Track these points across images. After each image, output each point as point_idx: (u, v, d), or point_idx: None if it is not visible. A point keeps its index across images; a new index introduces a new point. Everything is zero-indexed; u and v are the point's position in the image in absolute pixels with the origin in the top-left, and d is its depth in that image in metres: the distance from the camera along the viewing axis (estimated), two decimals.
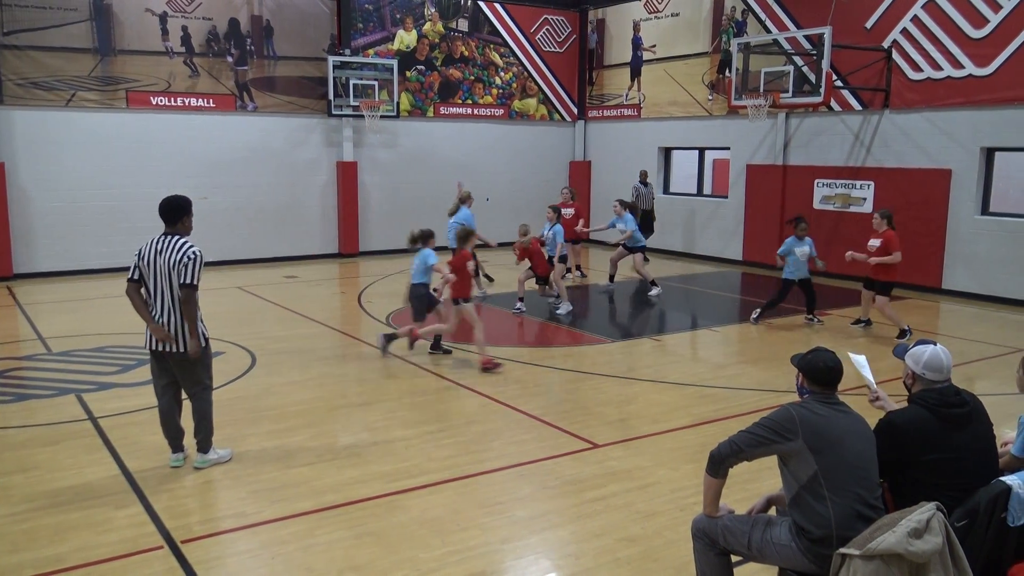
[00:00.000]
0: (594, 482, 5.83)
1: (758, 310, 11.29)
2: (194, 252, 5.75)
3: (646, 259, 14.03)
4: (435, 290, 9.40)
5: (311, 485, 5.74)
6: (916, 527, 3.10)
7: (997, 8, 12.64)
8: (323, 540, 4.93)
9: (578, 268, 15.36)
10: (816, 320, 11.24)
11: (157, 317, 5.79)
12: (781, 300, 11.01)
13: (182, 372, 5.97)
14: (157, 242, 5.81)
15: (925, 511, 3.17)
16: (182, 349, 5.82)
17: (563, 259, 12.45)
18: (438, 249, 9.57)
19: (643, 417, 7.31)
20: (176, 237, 5.81)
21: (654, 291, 13.31)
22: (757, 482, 5.51)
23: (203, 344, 5.93)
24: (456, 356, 9.40)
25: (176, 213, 5.86)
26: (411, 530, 5.07)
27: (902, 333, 10.30)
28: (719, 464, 3.64)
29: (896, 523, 3.14)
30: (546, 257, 11.94)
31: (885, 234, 10.34)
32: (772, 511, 3.95)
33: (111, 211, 15.27)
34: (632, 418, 7.29)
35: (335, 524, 5.15)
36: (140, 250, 5.85)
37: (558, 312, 11.80)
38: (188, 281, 5.72)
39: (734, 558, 3.82)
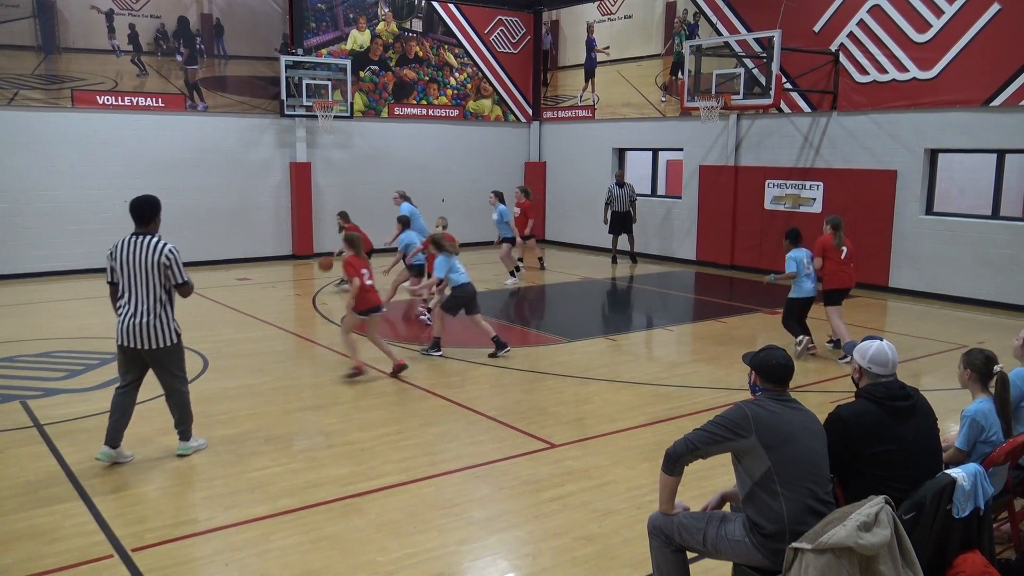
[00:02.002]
0: (551, 482, 5.85)
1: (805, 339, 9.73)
2: (171, 251, 5.91)
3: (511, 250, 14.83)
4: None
5: (265, 490, 5.67)
6: (865, 520, 3.16)
7: (939, 13, 12.98)
8: (278, 545, 4.88)
9: (540, 260, 16.44)
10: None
11: (129, 315, 5.89)
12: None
13: (158, 367, 6.06)
14: (129, 242, 5.90)
15: (874, 505, 3.24)
16: (158, 345, 5.93)
17: (513, 240, 14.50)
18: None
19: (599, 416, 7.36)
20: (148, 236, 5.92)
21: (511, 280, 14.47)
22: (712, 479, 5.58)
23: (176, 340, 6.06)
24: (413, 358, 9.35)
25: (148, 212, 5.97)
26: (368, 533, 5.03)
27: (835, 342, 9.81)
28: (675, 462, 3.68)
29: (846, 517, 3.20)
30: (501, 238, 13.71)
31: (823, 238, 9.58)
32: (727, 507, 4.01)
33: (56, 213, 14.90)
34: (588, 417, 7.33)
35: (291, 529, 5.09)
36: (112, 251, 5.94)
37: (506, 283, 13.41)
38: (180, 281, 5.96)
39: (690, 554, 3.87)
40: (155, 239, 5.92)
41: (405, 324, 11.44)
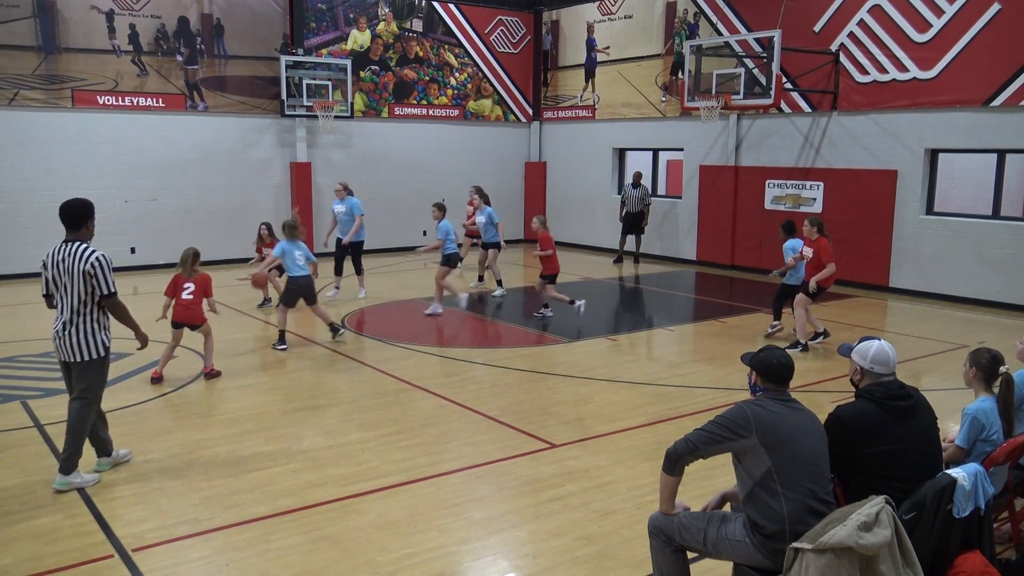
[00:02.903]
0: (551, 482, 5.85)
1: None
2: (98, 259, 5.54)
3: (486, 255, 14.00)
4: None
5: (266, 490, 5.67)
6: (866, 520, 3.16)
7: (940, 12, 12.98)
8: (279, 545, 4.87)
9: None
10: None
11: (59, 326, 5.59)
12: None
13: (78, 380, 5.68)
14: (59, 250, 5.60)
15: (874, 505, 3.24)
16: (80, 358, 5.58)
17: (489, 246, 13.69)
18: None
19: (600, 416, 7.35)
20: (78, 244, 5.58)
21: (499, 291, 13.39)
22: (712, 479, 5.58)
23: (102, 354, 5.69)
24: (414, 358, 9.35)
25: (79, 218, 5.63)
26: (368, 533, 5.03)
27: (795, 344, 9.72)
28: (675, 462, 3.68)
29: (847, 517, 3.20)
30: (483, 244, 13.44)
31: (818, 243, 9.62)
32: (727, 507, 4.01)
33: (55, 213, 14.74)
34: (589, 417, 7.32)
35: (291, 529, 5.09)
36: (44, 261, 5.67)
37: (494, 294, 13.20)
38: (106, 292, 5.57)
39: (690, 554, 3.87)
40: (84, 246, 5.56)
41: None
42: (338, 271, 13.20)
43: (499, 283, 13.56)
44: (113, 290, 5.61)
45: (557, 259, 11.47)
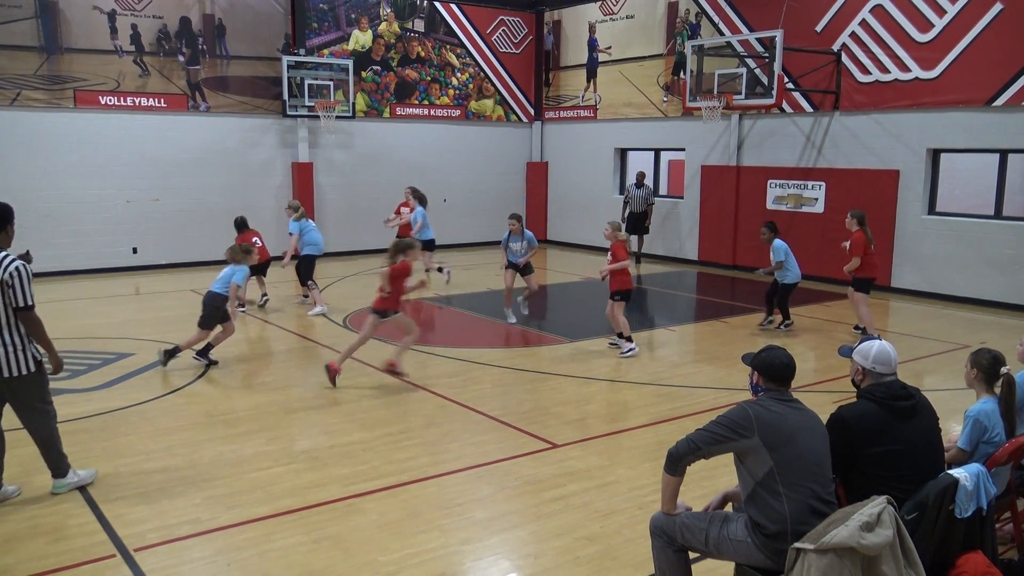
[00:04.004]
0: (553, 482, 5.85)
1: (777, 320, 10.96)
2: (16, 268, 5.10)
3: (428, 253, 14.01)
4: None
5: (267, 490, 5.67)
6: (868, 521, 3.16)
7: (942, 12, 12.96)
8: (280, 545, 4.88)
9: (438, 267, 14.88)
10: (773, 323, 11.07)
11: None
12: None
13: (13, 398, 5.32)
14: None
15: (876, 505, 3.23)
16: (10, 374, 5.19)
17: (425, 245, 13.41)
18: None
19: (601, 416, 7.35)
20: None
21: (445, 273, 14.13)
22: (714, 479, 5.57)
23: (33, 368, 5.29)
24: (415, 358, 9.35)
25: None
26: (370, 533, 5.03)
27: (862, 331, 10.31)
28: (677, 462, 3.67)
29: (849, 517, 3.20)
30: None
31: (856, 235, 10.20)
32: (728, 508, 4.00)
33: (57, 213, 14.91)
34: (590, 418, 7.32)
35: (292, 529, 5.09)
36: None
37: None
38: (22, 304, 5.10)
39: (692, 555, 3.86)
40: (4, 254, 5.15)
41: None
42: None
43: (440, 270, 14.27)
44: (31, 303, 5.15)
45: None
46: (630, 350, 9.45)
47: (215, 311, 8.82)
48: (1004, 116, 12.39)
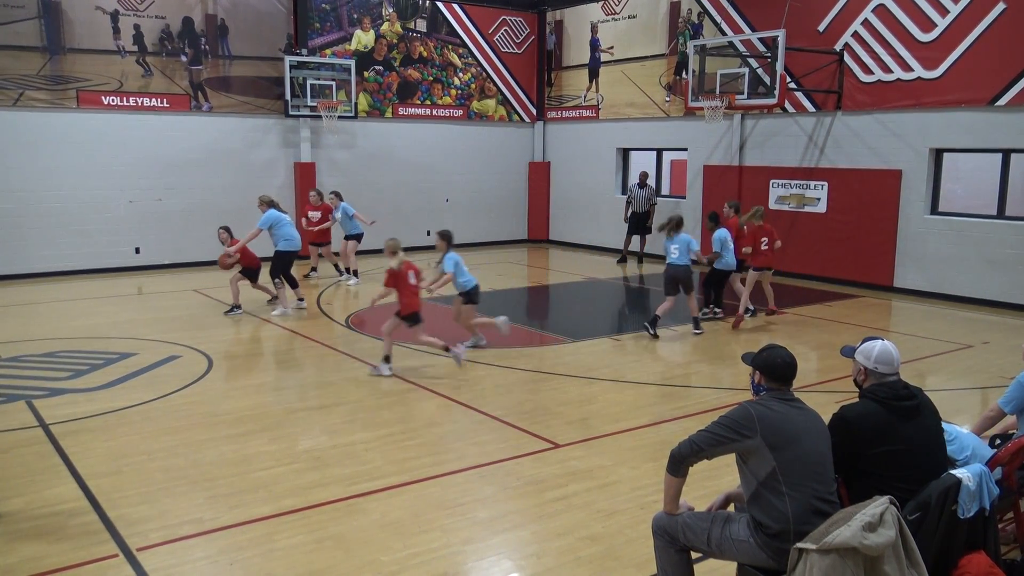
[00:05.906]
0: (555, 482, 5.85)
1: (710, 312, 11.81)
2: None
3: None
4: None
5: (270, 490, 5.68)
6: (870, 521, 3.15)
7: (944, 12, 12.95)
8: (283, 545, 4.88)
9: (313, 269, 14.95)
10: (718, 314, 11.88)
11: None
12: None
13: None
14: None
15: (879, 505, 3.23)
16: None
17: (351, 237, 14.29)
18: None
19: (603, 416, 7.35)
20: None
21: (352, 280, 14.24)
22: (716, 479, 5.57)
23: None
24: (417, 358, 9.35)
25: None
26: (372, 533, 5.04)
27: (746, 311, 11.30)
28: (679, 463, 3.67)
29: (851, 517, 3.19)
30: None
31: (731, 221, 11.56)
32: (731, 508, 4.00)
33: (59, 213, 14.93)
34: (592, 417, 7.32)
35: (295, 529, 5.09)
36: None
37: (348, 283, 13.89)
38: None
39: (694, 555, 3.86)
40: None
41: None
42: (293, 282, 12.23)
43: (355, 273, 14.36)
44: None
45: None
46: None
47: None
48: (1007, 116, 12.37)
